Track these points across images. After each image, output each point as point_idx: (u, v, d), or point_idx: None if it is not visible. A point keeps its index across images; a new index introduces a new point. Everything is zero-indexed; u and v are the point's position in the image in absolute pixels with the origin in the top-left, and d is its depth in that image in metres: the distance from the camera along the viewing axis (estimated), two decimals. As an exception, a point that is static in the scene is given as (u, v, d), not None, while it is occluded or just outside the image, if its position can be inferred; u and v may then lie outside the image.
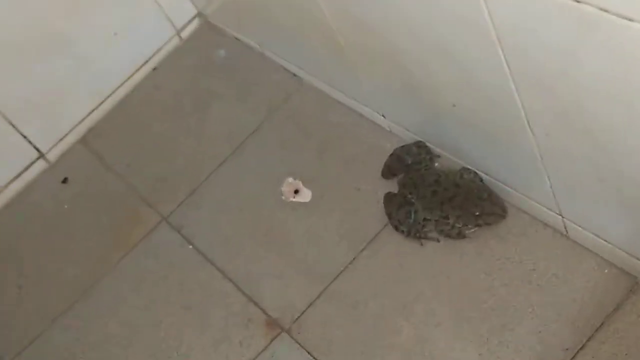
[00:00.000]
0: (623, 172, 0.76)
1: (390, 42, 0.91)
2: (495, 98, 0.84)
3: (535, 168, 0.91)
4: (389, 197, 1.13)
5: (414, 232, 1.09)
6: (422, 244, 1.10)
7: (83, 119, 1.36)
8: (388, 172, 1.17)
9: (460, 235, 1.07)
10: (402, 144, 1.16)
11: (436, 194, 1.07)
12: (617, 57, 0.60)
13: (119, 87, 1.42)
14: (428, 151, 1.14)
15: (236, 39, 1.40)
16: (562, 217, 0.98)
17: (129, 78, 1.42)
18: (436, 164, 1.15)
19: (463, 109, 0.94)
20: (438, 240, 1.09)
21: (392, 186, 1.15)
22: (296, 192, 1.22)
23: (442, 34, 0.79)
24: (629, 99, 0.64)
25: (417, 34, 0.84)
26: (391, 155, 1.17)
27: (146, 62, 1.43)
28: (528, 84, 0.76)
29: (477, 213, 1.03)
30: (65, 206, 1.29)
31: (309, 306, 1.09)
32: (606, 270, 0.96)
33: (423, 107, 1.03)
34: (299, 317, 1.08)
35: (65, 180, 1.31)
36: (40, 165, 1.34)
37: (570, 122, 0.76)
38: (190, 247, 1.21)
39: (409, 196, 1.10)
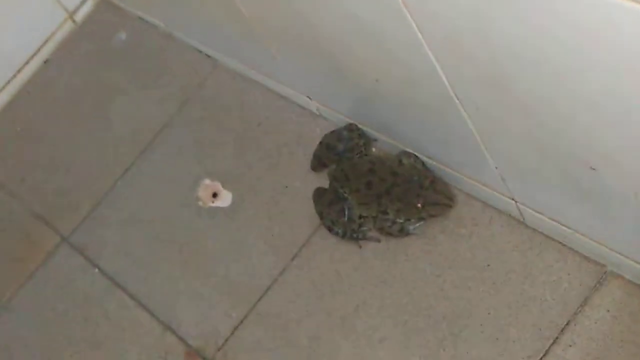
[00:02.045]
0: (561, 148, 0.76)
1: (298, 13, 0.91)
2: (417, 69, 0.84)
3: (475, 147, 0.91)
4: (319, 194, 1.13)
5: (350, 232, 1.09)
6: (360, 246, 1.09)
7: (-38, 130, 1.38)
8: (318, 163, 1.16)
9: (403, 232, 1.07)
10: (333, 129, 1.16)
11: (371, 186, 1.07)
12: (535, 14, 0.60)
13: (4, 86, 1.39)
14: (361, 135, 1.13)
15: (139, 18, 1.39)
16: (515, 202, 0.98)
17: (15, 75, 1.39)
18: (373, 149, 1.14)
19: (387, 84, 0.95)
20: (378, 240, 1.09)
21: (324, 180, 1.14)
22: (215, 195, 1.22)
23: (350, 3, 0.80)
24: (554, 62, 0.63)
25: (324, 3, 0.84)
26: (320, 143, 1.16)
27: (35, 53, 1.40)
28: (446, 52, 0.76)
29: (420, 204, 1.03)
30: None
31: (234, 330, 1.08)
32: (569, 260, 0.96)
33: (347, 84, 1.03)
34: (223, 344, 1.08)
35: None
36: None
37: (497, 92, 0.76)
38: (96, 270, 1.20)
39: (341, 190, 1.10)
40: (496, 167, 0.92)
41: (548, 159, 0.80)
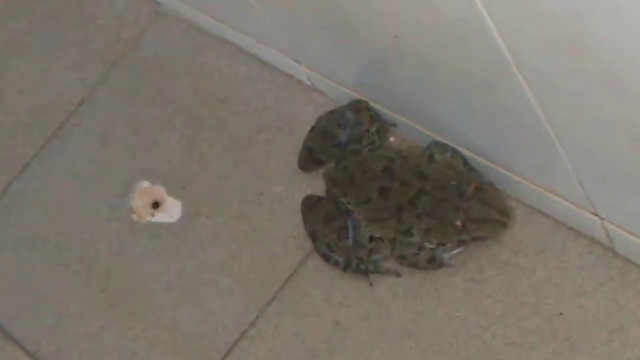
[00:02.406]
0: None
1: None
2: (456, 21, 0.84)
3: (542, 137, 0.92)
4: (310, 205, 1.13)
5: (356, 262, 1.10)
6: (371, 283, 1.10)
7: None
8: (309, 159, 1.17)
9: (435, 263, 1.08)
10: (332, 109, 1.17)
11: (388, 193, 1.08)
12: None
13: None
14: (373, 117, 1.15)
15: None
16: (600, 219, 1.00)
17: None
18: (390, 139, 1.15)
19: (412, 42, 0.95)
20: (398, 275, 1.10)
21: (317, 183, 1.14)
22: (156, 206, 1.23)
23: None
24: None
25: None
26: (313, 129, 1.17)
27: None
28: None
29: (459, 222, 1.04)
30: None
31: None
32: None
33: (353, 42, 1.04)
34: None
35: None
36: None
37: (576, 58, 0.76)
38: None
39: (343, 200, 1.11)
40: (573, 168, 0.93)
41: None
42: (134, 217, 1.22)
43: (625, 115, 0.78)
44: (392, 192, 1.07)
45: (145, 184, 1.23)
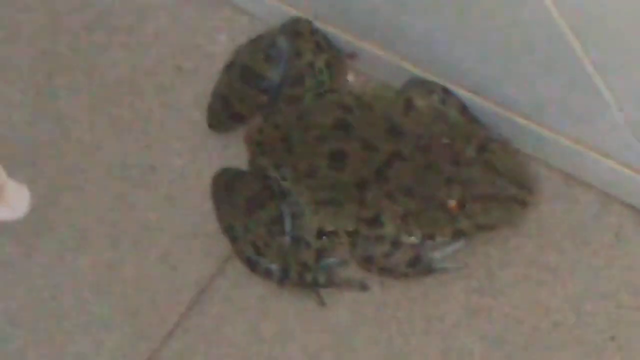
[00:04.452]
0: None
1: None
2: None
3: (579, 72, 0.93)
4: (226, 184, 1.15)
5: (298, 272, 1.11)
6: (322, 304, 1.12)
7: None
8: (223, 113, 1.19)
9: (420, 268, 1.09)
10: (255, 35, 1.19)
11: (344, 161, 1.08)
12: None
13: None
14: (321, 45, 1.16)
15: None
16: None
17: None
18: (348, 78, 1.17)
19: None
20: (364, 288, 1.10)
21: (236, 150, 1.16)
22: None
23: None
24: None
25: None
26: (229, 66, 1.19)
27: None
28: None
29: (454, 202, 1.04)
30: None
31: None
32: None
33: None
34: None
35: None
36: None
37: None
38: None
39: (275, 175, 1.12)
40: (620, 110, 0.95)
41: None
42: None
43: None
44: (350, 159, 1.07)
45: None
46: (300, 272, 1.09)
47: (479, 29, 1.01)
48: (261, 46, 1.15)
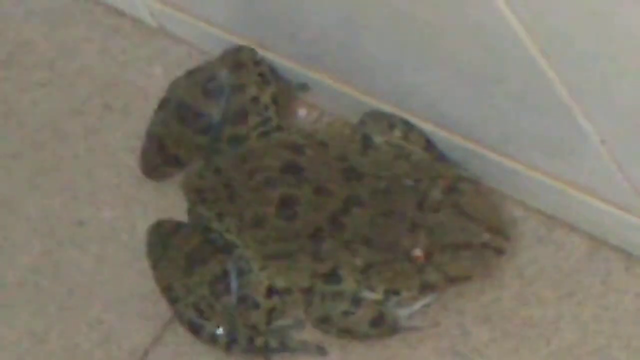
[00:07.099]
0: None
1: None
2: None
3: (555, 101, 0.93)
4: (163, 238, 1.13)
5: (248, 336, 1.08)
6: None
7: None
8: (158, 157, 1.18)
9: (384, 327, 1.06)
10: (193, 66, 1.19)
11: (295, 209, 1.06)
12: None
13: None
14: (266, 76, 1.15)
15: None
16: None
17: None
18: (299, 113, 1.17)
19: None
20: (321, 353, 1.09)
21: (174, 199, 1.15)
22: None
23: None
24: None
25: None
26: (163, 103, 1.18)
27: None
28: None
29: (420, 251, 1.01)
30: None
31: None
32: None
33: None
34: None
35: None
36: None
37: None
38: None
39: (217, 226, 1.10)
40: (602, 142, 0.94)
41: None
42: None
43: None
44: (301, 206, 1.05)
45: None
46: (249, 336, 1.07)
47: (445, 55, 1.01)
48: (199, 80, 1.14)
